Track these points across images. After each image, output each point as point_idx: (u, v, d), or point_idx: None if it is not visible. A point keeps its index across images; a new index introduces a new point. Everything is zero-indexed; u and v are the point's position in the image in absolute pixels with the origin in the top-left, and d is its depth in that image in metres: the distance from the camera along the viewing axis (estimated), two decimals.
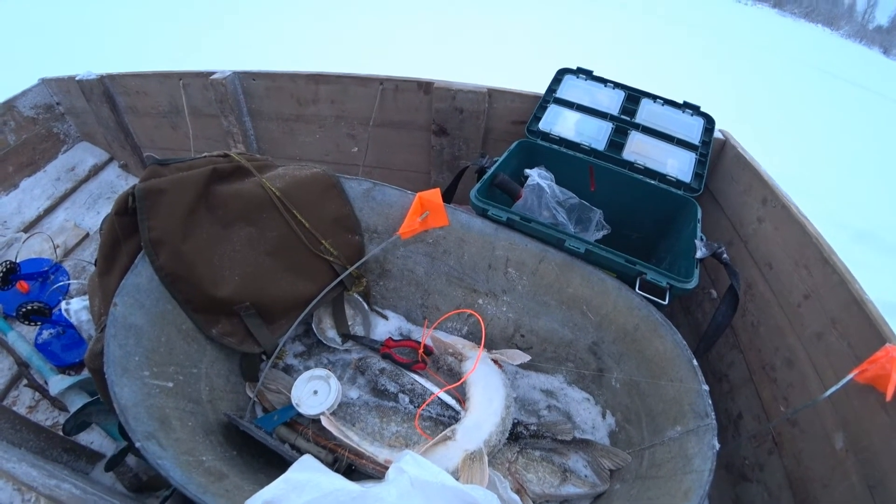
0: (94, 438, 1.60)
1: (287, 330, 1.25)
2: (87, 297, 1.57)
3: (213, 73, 2.04)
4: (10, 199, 2.50)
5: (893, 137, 7.66)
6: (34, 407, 1.78)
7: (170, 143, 2.48)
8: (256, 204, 1.25)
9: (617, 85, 1.77)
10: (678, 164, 1.61)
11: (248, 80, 2.03)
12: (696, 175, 1.59)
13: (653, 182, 1.55)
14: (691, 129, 1.71)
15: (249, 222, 1.24)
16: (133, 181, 2.81)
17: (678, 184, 1.56)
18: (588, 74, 1.78)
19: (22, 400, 1.80)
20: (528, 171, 1.35)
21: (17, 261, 2.20)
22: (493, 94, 1.71)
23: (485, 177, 1.35)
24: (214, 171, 1.21)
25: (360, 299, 1.45)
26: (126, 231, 1.13)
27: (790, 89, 8.91)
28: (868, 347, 0.94)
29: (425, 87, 1.77)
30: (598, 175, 1.57)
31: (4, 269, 2.03)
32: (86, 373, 1.66)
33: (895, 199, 5.48)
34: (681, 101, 1.77)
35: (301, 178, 1.31)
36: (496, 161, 1.42)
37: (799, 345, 1.18)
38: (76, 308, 1.72)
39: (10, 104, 2.50)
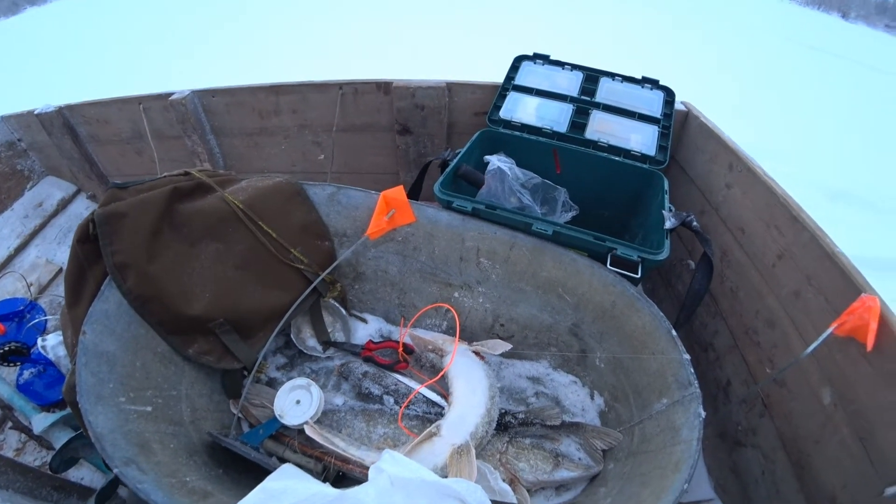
0: (84, 474, 1.57)
1: (265, 343, 1.24)
2: (61, 329, 1.55)
3: (171, 93, 2.01)
4: None
5: (859, 97, 7.78)
6: (21, 449, 1.75)
7: (136, 168, 2.44)
8: (220, 218, 1.23)
9: (574, 67, 1.77)
10: (642, 139, 1.62)
11: (207, 98, 2.00)
12: (661, 147, 1.59)
13: (617, 158, 1.55)
14: (652, 104, 1.72)
15: (215, 238, 1.22)
16: None
17: (643, 158, 1.57)
18: (545, 59, 1.78)
19: (9, 443, 1.76)
20: (487, 157, 1.35)
21: None
22: (452, 87, 1.71)
23: (447, 169, 1.35)
24: (175, 189, 1.19)
25: (337, 305, 1.43)
26: (90, 258, 1.10)
27: (753, 59, 9.02)
28: (845, 300, 0.95)
29: (384, 87, 1.76)
30: (563, 157, 1.57)
31: None
32: (69, 409, 1.64)
33: (865, 156, 5.58)
34: (639, 77, 1.79)
35: (264, 189, 1.29)
36: (459, 153, 1.42)
37: (778, 305, 1.19)
38: (52, 344, 1.68)
39: None
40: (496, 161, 1.31)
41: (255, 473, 1.14)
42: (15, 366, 1.86)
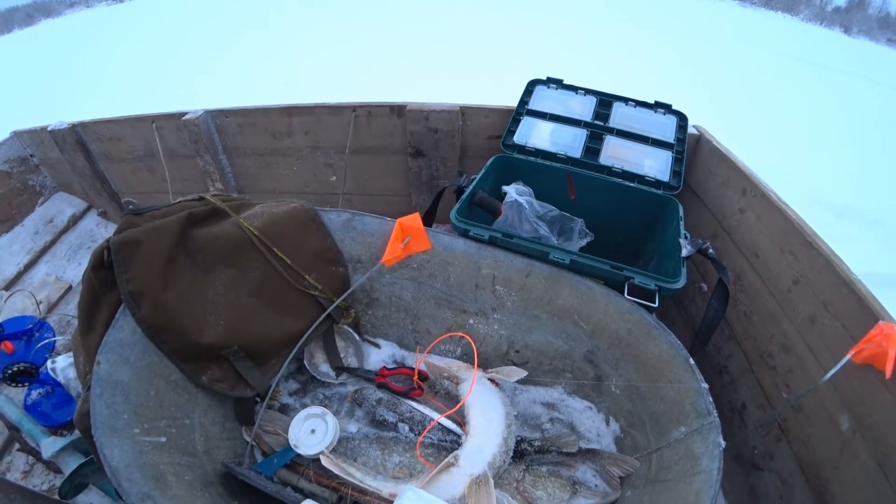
0: (94, 500, 1.55)
1: (279, 370, 1.23)
2: (72, 353, 1.54)
3: (185, 113, 2.03)
4: None
5: (862, 112, 7.82)
6: (29, 472, 1.73)
7: (147, 187, 2.45)
8: (235, 245, 1.23)
9: (588, 91, 1.78)
10: (656, 164, 1.62)
11: (220, 118, 2.02)
12: (674, 173, 1.60)
13: (632, 184, 1.55)
14: (665, 128, 1.72)
15: (230, 264, 1.22)
16: (112, 228, 2.79)
17: (657, 183, 1.57)
18: (558, 83, 1.79)
19: (16, 465, 1.75)
20: (505, 187, 1.35)
21: (0, 321, 2.16)
22: (465, 111, 1.72)
23: (463, 196, 1.35)
24: (190, 215, 1.20)
25: (351, 330, 1.43)
26: (104, 285, 1.10)
27: (759, 78, 9.09)
28: (862, 327, 0.95)
29: (398, 110, 1.77)
30: (577, 182, 1.57)
31: None
32: (78, 432, 1.63)
33: (870, 171, 5.59)
34: (652, 102, 1.79)
35: (279, 215, 1.29)
36: (474, 179, 1.42)
37: (793, 330, 1.18)
38: (62, 366, 1.68)
39: None
40: (514, 193, 1.32)
41: None
42: (23, 386, 1.86)
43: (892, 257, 3.82)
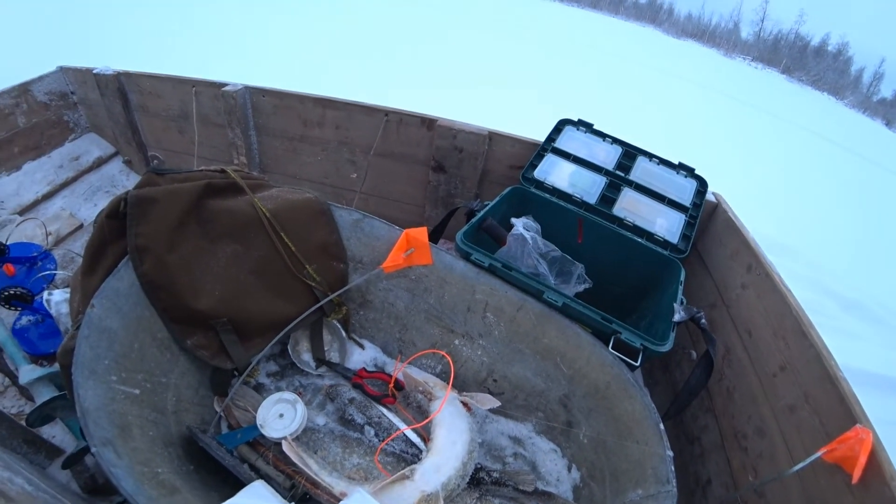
0: (57, 433, 1.58)
1: (262, 349, 1.26)
2: (69, 290, 1.58)
3: (225, 84, 2.08)
4: (10, 179, 2.51)
5: (892, 209, 7.76)
6: (2, 392, 1.76)
7: (175, 145, 2.51)
8: (245, 222, 1.26)
9: (615, 140, 1.80)
10: (667, 224, 1.63)
11: (257, 96, 2.07)
12: (684, 236, 1.61)
13: (640, 240, 1.57)
14: (684, 190, 1.74)
15: (236, 239, 1.25)
16: (134, 178, 2.84)
17: (665, 243, 1.58)
18: (588, 127, 1.81)
19: None
20: (514, 220, 1.37)
21: (8, 243, 2.20)
22: (493, 137, 1.75)
23: (473, 220, 1.37)
24: (209, 185, 1.23)
25: (339, 326, 1.45)
26: (114, 234, 1.14)
27: (792, 154, 9.08)
28: (839, 426, 0.95)
29: (428, 123, 1.81)
30: (587, 228, 1.59)
31: None
32: (57, 366, 1.66)
33: (886, 270, 5.53)
34: (676, 162, 1.81)
35: (293, 202, 1.32)
36: (486, 205, 1.45)
37: (771, 415, 1.18)
38: (57, 300, 1.71)
39: (26, 87, 2.54)
40: (521, 227, 1.34)
41: (222, 475, 1.15)
42: (16, 310, 1.89)
43: (888, 359, 3.78)
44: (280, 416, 1.19)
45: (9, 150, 2.51)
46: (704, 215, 1.70)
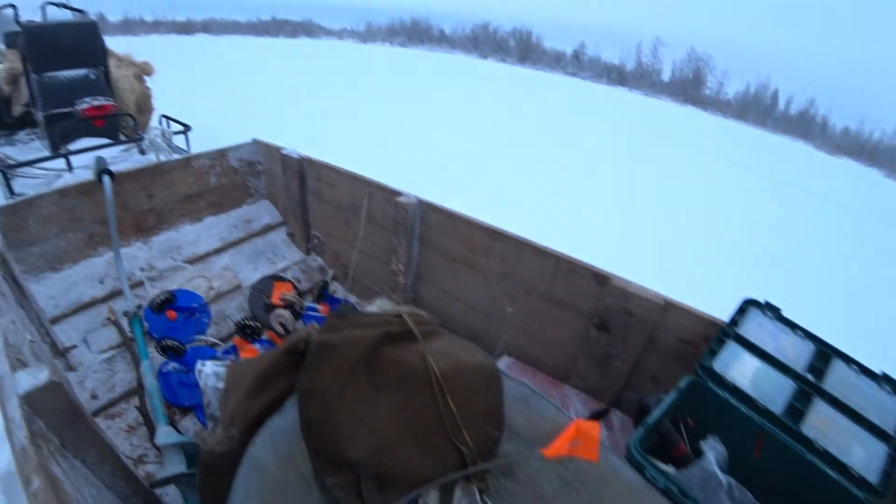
0: (170, 491, 1.64)
1: (398, 501, 1.22)
2: (220, 363, 1.68)
3: (399, 193, 2.21)
4: (192, 229, 2.85)
5: None
6: (134, 428, 1.90)
7: (337, 232, 2.69)
8: (413, 375, 1.26)
9: (807, 335, 1.60)
10: (865, 456, 1.37)
11: (428, 211, 2.16)
12: (886, 475, 1.33)
13: (831, 473, 1.33)
14: (887, 412, 1.47)
15: (400, 392, 1.25)
16: (294, 250, 3.08)
17: (860, 481, 1.33)
18: (776, 312, 1.63)
19: (127, 416, 1.94)
20: (703, 443, 1.23)
21: (175, 289, 2.47)
22: (669, 307, 1.62)
23: (648, 422, 1.25)
24: (386, 334, 1.27)
25: (476, 491, 1.37)
26: (288, 368, 1.21)
27: None
28: None
29: (600, 278, 1.74)
30: (769, 443, 1.39)
31: (163, 299, 2.29)
32: (191, 437, 1.77)
33: None
34: (879, 372, 1.55)
35: (465, 364, 1.31)
36: (661, 399, 1.33)
37: None
38: (208, 372, 1.84)
39: (223, 153, 2.92)
40: (711, 457, 1.18)
41: None
42: (166, 357, 2.08)
43: None
44: None
45: (197, 204, 2.87)
46: None
